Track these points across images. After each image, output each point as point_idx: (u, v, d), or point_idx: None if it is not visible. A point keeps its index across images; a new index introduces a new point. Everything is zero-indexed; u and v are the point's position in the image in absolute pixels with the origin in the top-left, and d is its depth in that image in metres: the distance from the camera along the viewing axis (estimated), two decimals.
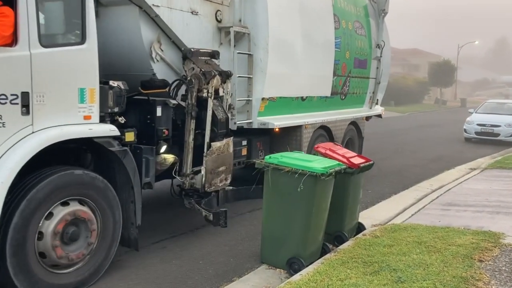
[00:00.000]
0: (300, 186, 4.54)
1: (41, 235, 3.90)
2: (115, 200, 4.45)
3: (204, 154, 5.54)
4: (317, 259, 4.84)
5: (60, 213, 3.99)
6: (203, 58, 5.73)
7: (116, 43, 5.41)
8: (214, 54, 5.86)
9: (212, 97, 5.54)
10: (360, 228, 5.89)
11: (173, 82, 5.52)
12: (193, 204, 5.57)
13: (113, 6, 5.30)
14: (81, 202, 4.18)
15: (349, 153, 5.70)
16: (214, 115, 5.53)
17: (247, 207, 5.36)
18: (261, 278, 4.65)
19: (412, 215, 6.76)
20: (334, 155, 5.43)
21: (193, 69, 5.53)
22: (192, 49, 5.59)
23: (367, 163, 5.58)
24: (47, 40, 3.91)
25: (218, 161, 5.64)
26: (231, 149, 5.89)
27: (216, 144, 5.61)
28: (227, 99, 5.90)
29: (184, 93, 5.58)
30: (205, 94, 5.51)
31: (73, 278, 4.16)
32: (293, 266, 4.66)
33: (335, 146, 5.91)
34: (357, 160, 5.50)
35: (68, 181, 4.02)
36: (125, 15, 5.30)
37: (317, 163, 4.78)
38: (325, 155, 5.43)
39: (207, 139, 5.55)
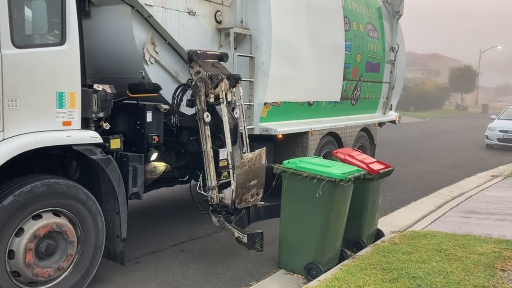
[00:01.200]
0: (318, 192, 4.52)
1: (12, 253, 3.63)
2: (98, 210, 4.16)
3: (230, 165, 5.14)
4: (335, 265, 4.79)
5: (33, 227, 3.71)
6: (210, 60, 5.37)
7: (108, 45, 5.17)
8: (223, 57, 5.52)
9: (225, 102, 5.15)
10: (379, 234, 5.79)
11: (178, 87, 5.20)
12: (223, 223, 5.06)
13: (105, 5, 5.05)
14: (57, 213, 3.89)
15: (369, 159, 5.64)
16: (220, 122, 5.16)
17: None
18: (279, 283, 4.65)
19: (432, 222, 6.69)
20: (353, 160, 5.39)
21: (199, 72, 5.17)
22: (198, 51, 5.24)
23: (387, 169, 5.54)
24: (21, 40, 3.63)
25: (249, 174, 5.16)
26: (263, 161, 5.45)
27: (248, 156, 5.16)
28: (241, 104, 5.50)
29: (189, 98, 5.21)
30: (211, 99, 5.14)
31: None
32: (311, 272, 4.63)
33: (354, 152, 5.84)
34: (376, 166, 5.45)
35: (44, 191, 3.73)
36: (117, 15, 5.05)
37: (336, 169, 4.73)
38: (344, 161, 5.39)
39: (229, 148, 5.13)
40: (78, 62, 3.99)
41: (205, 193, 5.19)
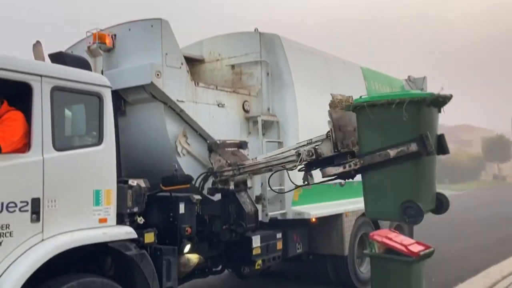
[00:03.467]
0: None
1: None
2: None
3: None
4: None
5: None
6: (229, 149, 5.56)
7: (142, 140, 5.39)
8: (242, 145, 5.71)
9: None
10: None
11: (199, 176, 5.35)
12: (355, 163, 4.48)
13: (139, 103, 5.34)
14: None
15: (407, 240, 5.52)
16: (241, 208, 5.23)
17: None
18: None
19: None
20: (391, 243, 5.29)
21: (219, 161, 5.36)
22: (218, 141, 5.46)
23: (428, 250, 5.39)
24: (61, 143, 3.84)
25: (343, 117, 4.86)
26: None
27: (337, 96, 5.02)
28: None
29: (210, 186, 5.37)
30: (232, 187, 5.29)
31: None
32: None
33: (392, 233, 5.72)
34: (416, 248, 5.30)
35: None
36: (151, 112, 5.32)
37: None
38: (382, 243, 5.32)
39: None
40: (114, 160, 4.15)
41: (298, 158, 4.86)
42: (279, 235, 6.29)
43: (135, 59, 5.18)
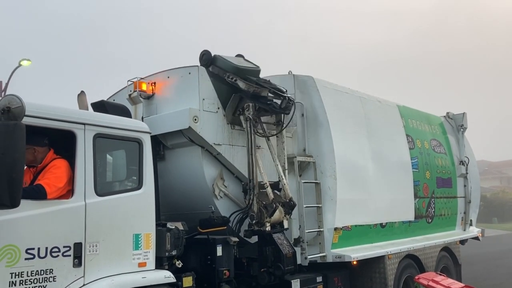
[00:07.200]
0: None
1: None
2: None
3: None
4: None
5: None
6: (264, 190, 5.55)
7: (180, 183, 5.47)
8: (277, 185, 5.68)
9: None
10: None
11: (234, 218, 5.32)
12: None
13: (178, 148, 5.46)
14: None
15: (455, 284, 5.41)
16: (278, 250, 5.13)
17: None
18: None
19: None
20: (438, 286, 5.14)
21: (255, 202, 5.34)
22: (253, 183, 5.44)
23: None
24: (103, 188, 3.97)
25: None
26: None
27: None
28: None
29: (247, 228, 5.33)
30: (268, 228, 5.22)
31: None
32: None
33: (438, 276, 5.62)
34: None
35: None
36: (189, 156, 5.42)
37: None
38: (428, 287, 5.16)
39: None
40: (153, 204, 4.23)
41: None
42: (319, 279, 6.14)
43: (174, 105, 5.33)
